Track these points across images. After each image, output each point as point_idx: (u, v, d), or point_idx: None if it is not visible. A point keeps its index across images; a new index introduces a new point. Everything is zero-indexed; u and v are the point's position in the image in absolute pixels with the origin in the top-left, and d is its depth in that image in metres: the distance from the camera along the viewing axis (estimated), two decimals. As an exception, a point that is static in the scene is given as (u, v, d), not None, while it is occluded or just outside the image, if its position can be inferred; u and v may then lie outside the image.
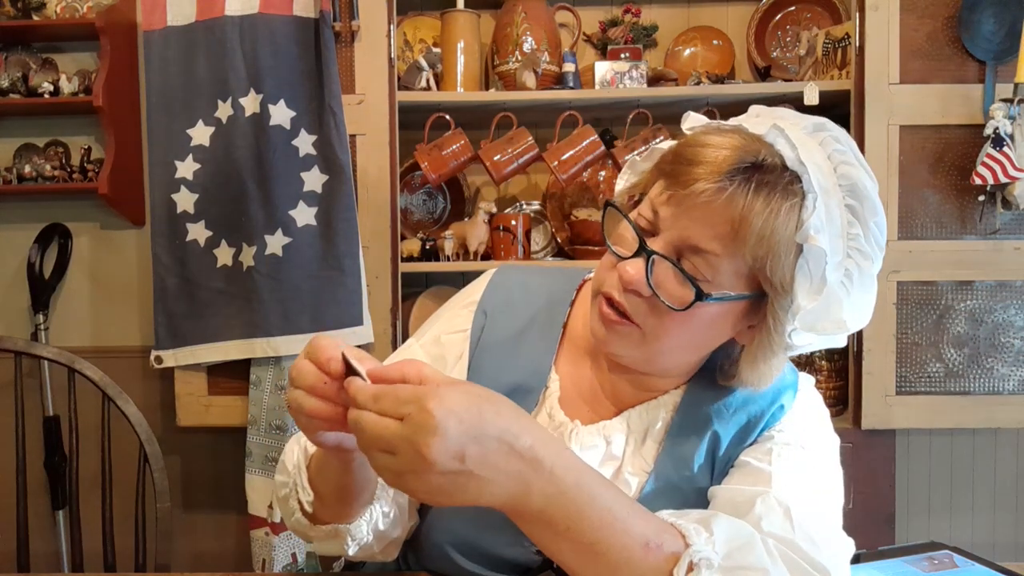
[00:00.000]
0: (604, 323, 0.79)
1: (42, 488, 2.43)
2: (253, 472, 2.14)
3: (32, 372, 2.39)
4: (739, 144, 0.74)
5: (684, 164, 0.75)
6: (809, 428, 0.84)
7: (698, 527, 0.68)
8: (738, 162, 0.72)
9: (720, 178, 0.72)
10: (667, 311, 0.75)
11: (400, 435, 0.57)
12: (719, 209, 0.72)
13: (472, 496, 0.60)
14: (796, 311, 0.74)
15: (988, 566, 1.12)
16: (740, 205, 0.71)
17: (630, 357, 0.81)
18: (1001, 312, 2.07)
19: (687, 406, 0.85)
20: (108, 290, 2.53)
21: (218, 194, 2.11)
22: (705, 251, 0.73)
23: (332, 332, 2.06)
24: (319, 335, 0.67)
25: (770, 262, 0.72)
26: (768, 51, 2.41)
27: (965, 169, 2.02)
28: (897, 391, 2.08)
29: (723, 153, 0.73)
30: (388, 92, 2.11)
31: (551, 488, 0.62)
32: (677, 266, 0.74)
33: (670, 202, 0.75)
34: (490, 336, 0.90)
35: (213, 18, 2.08)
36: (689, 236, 0.74)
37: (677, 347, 0.79)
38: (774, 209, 0.72)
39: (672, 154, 0.78)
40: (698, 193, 0.72)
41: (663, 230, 0.76)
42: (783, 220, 0.72)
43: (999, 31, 2.00)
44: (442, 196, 2.50)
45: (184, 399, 2.20)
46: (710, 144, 0.74)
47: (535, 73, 2.20)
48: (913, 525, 2.46)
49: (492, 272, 0.97)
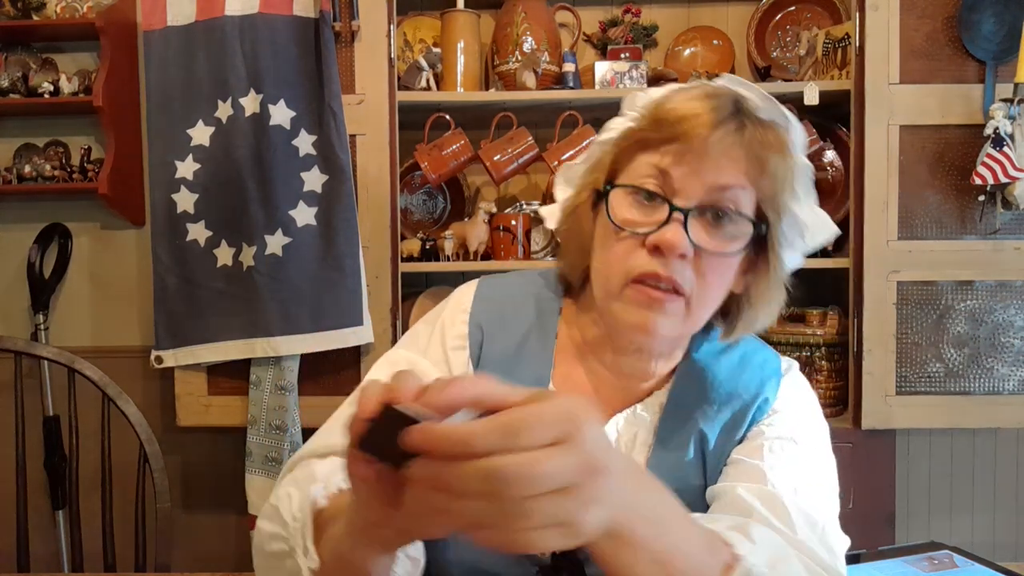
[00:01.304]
0: (652, 307, 0.76)
1: (42, 488, 2.43)
2: (253, 472, 2.14)
3: (32, 372, 2.39)
4: (712, 91, 0.79)
5: (673, 124, 0.76)
6: (798, 419, 0.84)
7: (739, 536, 0.66)
8: (730, 104, 0.77)
9: (725, 118, 0.75)
10: (710, 268, 0.76)
11: (574, 464, 0.44)
12: (737, 146, 0.75)
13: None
14: (803, 229, 0.82)
15: (988, 566, 1.12)
16: (756, 138, 0.76)
17: (669, 337, 0.80)
18: (1001, 312, 2.07)
19: (672, 407, 0.85)
20: (108, 290, 2.53)
21: (218, 194, 2.11)
22: (735, 186, 0.76)
23: (332, 332, 2.07)
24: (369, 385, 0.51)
25: (785, 185, 0.78)
26: (768, 51, 2.41)
27: (965, 169, 2.02)
28: (897, 391, 2.08)
29: (710, 102, 0.77)
30: (388, 92, 2.11)
31: (649, 500, 0.55)
32: (724, 212, 0.76)
33: (684, 159, 0.76)
34: (490, 352, 0.88)
35: (213, 18, 2.08)
36: (718, 179, 0.75)
37: (710, 305, 0.80)
38: (779, 135, 0.78)
39: (651, 121, 0.79)
40: (717, 139, 0.75)
41: (682, 188, 0.76)
42: (788, 143, 0.79)
43: (999, 31, 2.00)
44: (442, 196, 2.50)
45: (184, 399, 2.20)
46: (691, 96, 0.78)
47: (535, 73, 2.20)
48: (913, 525, 2.46)
49: (473, 287, 0.93)
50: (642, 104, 0.83)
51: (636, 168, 0.79)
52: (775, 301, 0.84)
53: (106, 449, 1.54)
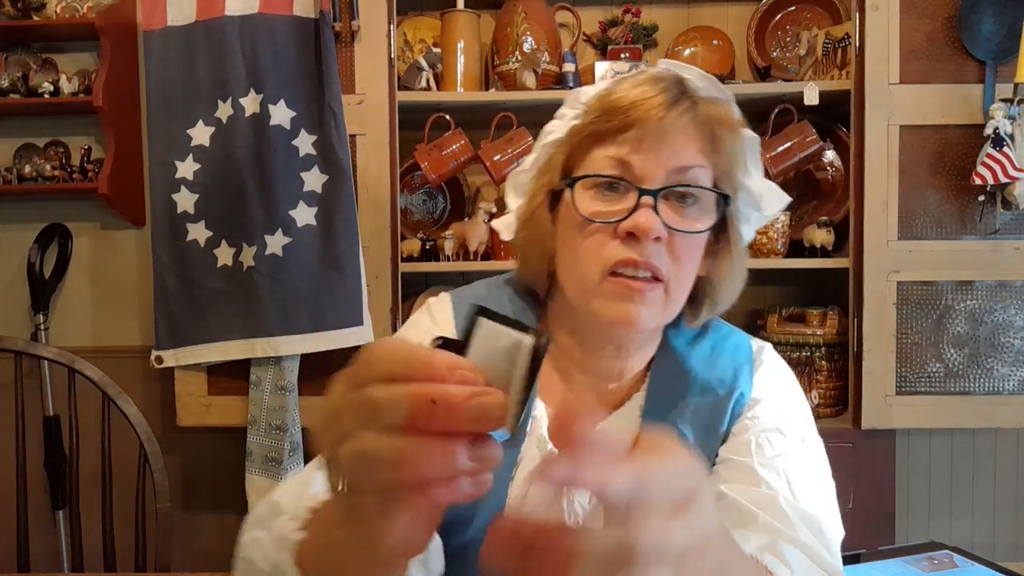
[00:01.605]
0: (632, 299, 0.75)
1: (42, 488, 2.43)
2: (253, 472, 2.14)
3: (32, 372, 2.39)
4: (657, 75, 0.79)
5: (626, 111, 0.76)
6: (780, 407, 0.83)
7: (776, 561, 0.66)
8: (675, 86, 0.78)
9: (675, 98, 0.77)
10: (683, 249, 0.76)
11: (698, 532, 0.40)
12: (691, 125, 0.77)
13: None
14: (758, 201, 0.83)
15: (988, 566, 1.12)
16: (707, 115, 0.77)
17: (650, 326, 0.79)
18: (1001, 312, 2.07)
19: (652, 409, 0.83)
20: (108, 290, 2.53)
21: (218, 194, 2.11)
22: (695, 166, 0.77)
23: (332, 332, 2.07)
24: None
25: (738, 159, 0.80)
26: (768, 51, 2.41)
27: (965, 169, 2.02)
28: (897, 391, 2.08)
29: (658, 85, 0.78)
30: (388, 92, 2.11)
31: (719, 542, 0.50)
32: (689, 192, 0.76)
33: (643, 146, 0.76)
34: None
35: (213, 18, 2.08)
36: (678, 160, 0.76)
37: (686, 288, 0.80)
38: (727, 110, 0.80)
39: (601, 112, 0.79)
40: (672, 119, 0.75)
41: (644, 174, 0.76)
42: (736, 117, 0.80)
43: (999, 31, 2.00)
44: (442, 196, 2.50)
45: (184, 399, 2.20)
46: (638, 82, 0.79)
47: (535, 73, 2.20)
48: (913, 525, 2.46)
49: (448, 302, 0.91)
50: (586, 99, 0.83)
51: (593, 162, 0.79)
52: (738, 279, 0.85)
53: (106, 449, 1.54)
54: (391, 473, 0.38)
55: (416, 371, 0.38)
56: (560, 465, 0.37)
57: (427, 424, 0.37)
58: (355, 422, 0.39)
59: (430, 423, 0.37)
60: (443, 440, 0.38)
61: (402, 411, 0.37)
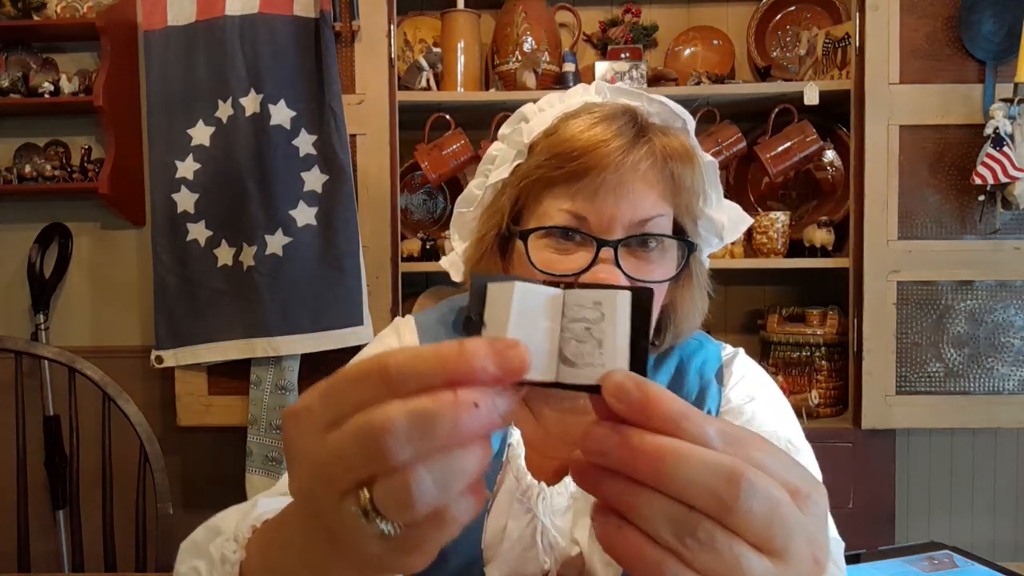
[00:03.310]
0: None
1: (42, 488, 2.43)
2: (253, 472, 2.14)
3: (32, 372, 2.39)
4: (608, 113, 0.74)
5: (581, 155, 0.71)
6: (760, 416, 0.80)
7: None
8: (629, 121, 0.74)
9: (632, 139, 0.72)
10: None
11: (807, 525, 0.36)
12: (652, 169, 0.72)
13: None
14: (719, 229, 0.80)
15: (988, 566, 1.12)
16: (664, 153, 0.73)
17: None
18: (1001, 312, 2.07)
19: None
20: (108, 290, 2.53)
21: (218, 194, 2.11)
22: (656, 216, 0.73)
23: (332, 332, 2.07)
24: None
25: (698, 193, 0.76)
26: (768, 51, 2.40)
27: (965, 169, 2.02)
28: (897, 391, 2.08)
29: (611, 125, 0.73)
30: (388, 92, 2.11)
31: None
32: (649, 241, 0.72)
33: (597, 198, 0.71)
34: None
35: (213, 18, 2.08)
36: (636, 213, 0.71)
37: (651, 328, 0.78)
38: (682, 140, 0.75)
39: (550, 157, 0.73)
40: (631, 165, 0.71)
41: (601, 227, 0.71)
42: (691, 146, 0.76)
43: (999, 31, 2.00)
44: (442, 196, 2.50)
45: (184, 399, 2.20)
46: (589, 123, 0.73)
47: (535, 73, 2.20)
48: (913, 525, 2.46)
49: (411, 324, 0.89)
50: (530, 138, 0.78)
51: (545, 212, 0.74)
52: (700, 306, 0.82)
53: (106, 449, 1.54)
54: (460, 485, 0.33)
55: (451, 372, 0.33)
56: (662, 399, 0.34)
57: (480, 428, 0.33)
58: (393, 453, 0.32)
59: (477, 426, 0.33)
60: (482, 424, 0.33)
61: (449, 424, 0.32)
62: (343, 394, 0.35)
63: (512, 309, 0.36)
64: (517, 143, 0.79)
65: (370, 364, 0.34)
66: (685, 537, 0.33)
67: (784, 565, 0.34)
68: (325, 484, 0.35)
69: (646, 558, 0.34)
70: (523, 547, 0.77)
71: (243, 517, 0.61)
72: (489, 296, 0.38)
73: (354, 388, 0.34)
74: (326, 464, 0.35)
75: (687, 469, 0.33)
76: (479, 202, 0.84)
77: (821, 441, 2.05)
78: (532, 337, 0.36)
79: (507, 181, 0.79)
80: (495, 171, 0.81)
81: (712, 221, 0.80)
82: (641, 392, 0.34)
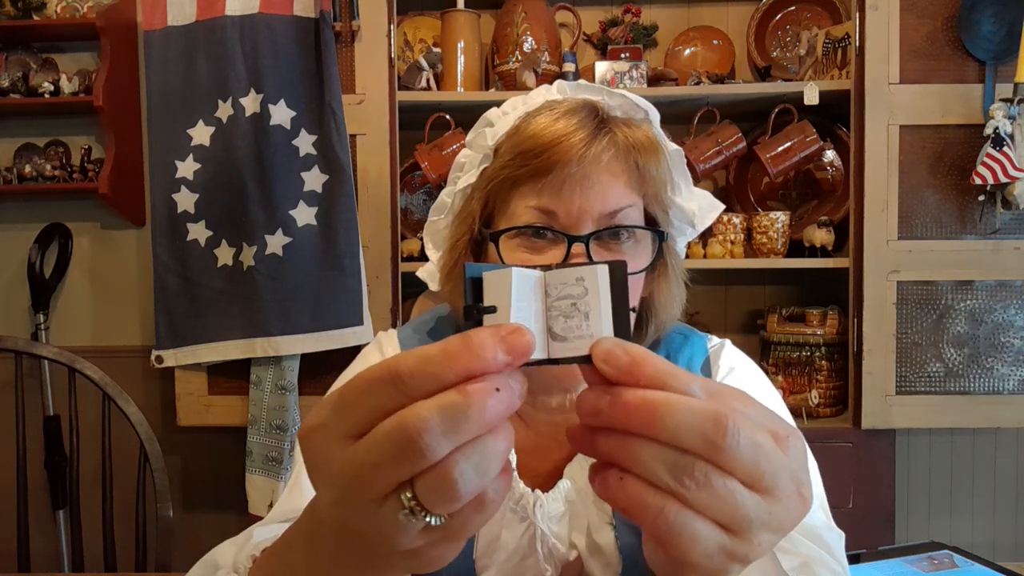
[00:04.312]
0: None
1: (42, 488, 2.43)
2: (253, 472, 2.14)
3: (32, 372, 2.39)
4: (569, 107, 0.75)
5: (544, 151, 0.72)
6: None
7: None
8: (591, 115, 0.74)
9: (594, 131, 0.73)
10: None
11: (789, 464, 0.38)
12: (616, 160, 0.73)
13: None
14: (691, 217, 0.80)
15: (988, 566, 1.12)
16: (627, 144, 0.74)
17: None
18: (1001, 312, 2.07)
19: None
20: (108, 290, 2.53)
21: (218, 194, 2.11)
22: (624, 207, 0.73)
23: (332, 332, 2.07)
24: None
25: (665, 181, 0.76)
26: (768, 51, 2.40)
27: (965, 169, 2.02)
28: (897, 391, 2.08)
29: (573, 119, 0.73)
30: (388, 92, 2.11)
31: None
32: (622, 227, 0.73)
33: (563, 192, 0.72)
34: None
35: (213, 18, 2.08)
36: (605, 205, 0.72)
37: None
38: (645, 131, 0.76)
39: (515, 156, 0.74)
40: (594, 157, 0.71)
41: (570, 222, 0.72)
42: (656, 136, 0.77)
43: (999, 31, 2.00)
44: (442, 196, 2.50)
45: (184, 399, 2.20)
46: (551, 119, 0.74)
47: (535, 73, 2.20)
48: (913, 525, 2.46)
49: (394, 338, 0.89)
50: (494, 141, 0.79)
51: (514, 212, 0.75)
52: (678, 296, 0.82)
53: (106, 449, 1.54)
54: (496, 468, 0.35)
55: (462, 367, 0.34)
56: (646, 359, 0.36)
57: (505, 412, 0.35)
58: (432, 450, 0.34)
59: (503, 410, 0.35)
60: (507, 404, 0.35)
61: (478, 413, 0.34)
62: (358, 404, 0.36)
63: (512, 294, 0.38)
64: (482, 147, 0.80)
65: (380, 372, 0.35)
66: (683, 477, 0.36)
67: (773, 500, 0.37)
68: (360, 491, 0.36)
69: (649, 503, 0.36)
70: (521, 556, 0.77)
71: (240, 548, 0.62)
72: (487, 284, 0.39)
73: (368, 397, 0.36)
74: (358, 473, 0.35)
75: (677, 416, 0.35)
76: (449, 209, 0.85)
77: (821, 441, 2.06)
78: (527, 319, 0.39)
79: (475, 185, 0.80)
80: (463, 177, 0.82)
81: (683, 210, 0.81)
82: (628, 355, 0.37)
